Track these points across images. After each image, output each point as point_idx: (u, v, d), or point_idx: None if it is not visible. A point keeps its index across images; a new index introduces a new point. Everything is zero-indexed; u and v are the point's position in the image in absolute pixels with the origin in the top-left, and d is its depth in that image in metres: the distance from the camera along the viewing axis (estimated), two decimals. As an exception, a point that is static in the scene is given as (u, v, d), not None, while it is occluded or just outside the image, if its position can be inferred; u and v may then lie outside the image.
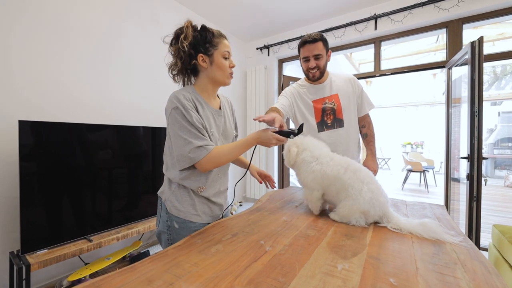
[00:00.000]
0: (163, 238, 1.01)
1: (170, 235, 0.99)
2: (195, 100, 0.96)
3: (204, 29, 0.97)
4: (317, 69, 1.47)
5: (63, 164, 1.71)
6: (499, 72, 8.44)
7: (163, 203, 1.02)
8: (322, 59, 1.45)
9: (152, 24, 2.61)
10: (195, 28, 0.97)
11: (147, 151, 2.26)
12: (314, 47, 1.42)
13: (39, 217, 1.58)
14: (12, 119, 1.66)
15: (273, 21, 3.39)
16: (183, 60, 0.97)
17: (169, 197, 1.00)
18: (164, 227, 1.00)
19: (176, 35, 0.96)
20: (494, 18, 2.50)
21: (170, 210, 0.99)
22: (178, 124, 0.90)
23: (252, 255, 0.72)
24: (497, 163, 7.94)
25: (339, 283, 0.58)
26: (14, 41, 1.70)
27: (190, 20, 0.98)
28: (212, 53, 0.96)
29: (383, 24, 2.93)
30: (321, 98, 1.55)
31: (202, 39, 0.95)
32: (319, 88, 1.55)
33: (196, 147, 0.89)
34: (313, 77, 1.51)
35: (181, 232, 0.96)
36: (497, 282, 0.58)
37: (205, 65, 0.97)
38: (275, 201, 1.32)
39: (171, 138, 0.94)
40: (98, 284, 0.58)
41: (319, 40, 1.42)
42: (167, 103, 0.95)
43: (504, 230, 1.68)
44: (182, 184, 0.97)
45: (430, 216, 1.07)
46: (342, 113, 1.53)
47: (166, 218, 1.00)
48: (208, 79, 1.00)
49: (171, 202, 0.99)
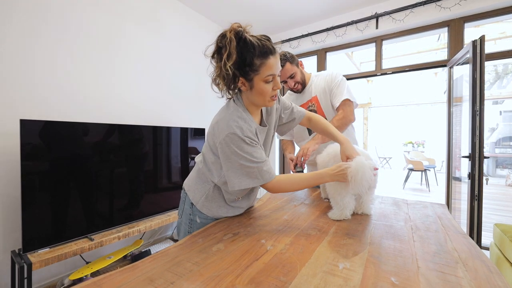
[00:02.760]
0: (182, 229, 1.04)
1: (191, 228, 1.00)
2: (247, 122, 0.87)
3: (245, 45, 0.79)
4: (297, 84, 1.54)
5: (64, 163, 1.71)
6: (501, 71, 8.41)
7: (187, 196, 1.02)
8: (296, 74, 1.51)
9: (154, 23, 2.60)
10: (239, 37, 0.79)
11: (148, 150, 2.26)
12: (284, 71, 1.47)
13: (40, 216, 1.59)
14: (13, 118, 1.66)
15: (274, 20, 3.38)
16: (226, 81, 0.84)
17: (198, 193, 1.00)
18: (186, 219, 1.02)
19: (217, 48, 0.82)
20: (495, 17, 2.49)
21: (196, 204, 0.99)
22: (240, 157, 0.83)
23: (253, 254, 0.72)
24: (498, 162, 7.92)
25: (341, 282, 0.58)
26: (14, 41, 1.70)
27: (235, 25, 0.79)
28: (252, 78, 0.83)
29: (384, 23, 2.92)
30: (305, 102, 1.61)
31: (242, 61, 0.80)
32: (303, 93, 1.62)
33: (264, 170, 0.87)
34: (298, 91, 1.60)
35: (202, 227, 0.98)
36: (499, 281, 0.58)
37: (245, 88, 0.87)
38: (276, 200, 1.32)
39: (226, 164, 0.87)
40: (100, 283, 0.58)
41: (285, 62, 1.45)
42: (223, 127, 0.84)
43: (506, 229, 1.68)
44: (219, 186, 0.98)
45: (432, 215, 1.06)
46: (324, 112, 1.56)
47: (189, 211, 1.01)
48: (249, 101, 0.92)
49: (200, 198, 0.99)
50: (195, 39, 3.09)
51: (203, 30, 3.19)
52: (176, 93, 2.83)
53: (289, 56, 1.47)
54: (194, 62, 3.05)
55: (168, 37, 2.75)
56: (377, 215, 1.07)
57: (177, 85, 2.85)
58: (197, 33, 3.11)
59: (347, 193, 1.00)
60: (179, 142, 2.54)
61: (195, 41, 3.08)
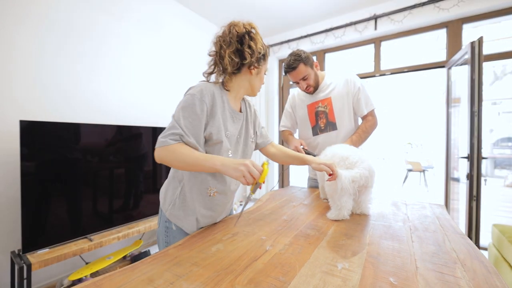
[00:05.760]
0: (161, 239, 0.99)
1: (167, 237, 0.96)
2: (217, 98, 0.91)
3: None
4: (309, 86, 1.50)
5: (64, 164, 1.71)
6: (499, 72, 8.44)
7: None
8: (310, 77, 1.46)
9: (153, 24, 2.60)
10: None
11: (147, 151, 2.26)
12: (297, 73, 1.43)
13: (40, 217, 1.58)
14: (13, 119, 1.66)
15: (273, 21, 3.39)
16: (232, 64, 0.92)
17: (167, 199, 0.97)
18: (162, 228, 0.97)
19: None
20: (494, 18, 2.50)
21: (166, 212, 0.96)
22: (183, 105, 0.85)
23: (253, 254, 0.72)
24: (496, 162, 7.95)
25: (339, 282, 0.58)
26: (15, 41, 1.70)
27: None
28: (261, 66, 0.99)
29: (383, 24, 2.93)
30: (315, 102, 1.57)
31: (264, 53, 0.97)
32: (315, 92, 1.57)
33: (171, 133, 0.82)
34: (310, 93, 1.55)
35: (178, 235, 0.94)
36: (497, 281, 0.58)
37: (252, 73, 0.97)
38: (276, 201, 1.32)
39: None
40: (99, 283, 0.58)
41: (299, 63, 1.40)
42: (193, 87, 0.90)
43: (504, 230, 1.68)
44: (186, 190, 0.93)
45: (430, 216, 1.07)
46: (335, 116, 1.52)
47: (165, 218, 0.97)
48: (248, 83, 0.99)
49: (168, 205, 0.96)
50: (195, 40, 3.09)
51: (202, 31, 3.20)
52: (175, 93, 2.83)
53: (304, 56, 1.41)
54: (193, 62, 3.05)
55: (167, 38, 2.76)
56: (376, 216, 1.07)
57: (176, 86, 2.85)
58: (196, 34, 3.12)
59: (344, 193, 1.00)
60: (178, 143, 2.54)
61: (194, 41, 3.08)
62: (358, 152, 1.07)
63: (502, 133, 8.05)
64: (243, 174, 0.76)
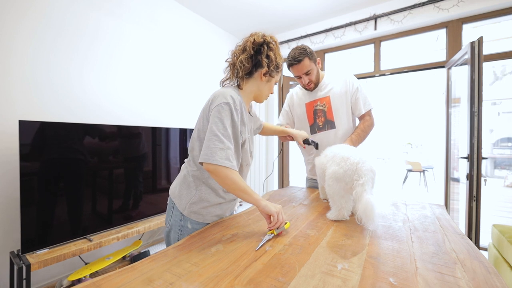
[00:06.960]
0: (172, 237, 1.00)
1: (180, 235, 0.97)
2: (243, 104, 0.97)
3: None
4: (311, 82, 1.52)
5: (63, 164, 1.71)
6: (499, 72, 8.45)
7: (175, 204, 1.00)
8: (312, 72, 1.48)
9: (152, 24, 2.60)
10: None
11: (147, 151, 2.26)
12: (301, 66, 1.44)
13: (39, 217, 1.58)
14: (12, 119, 1.66)
15: (273, 21, 3.39)
16: (247, 69, 1.00)
17: (184, 199, 0.98)
18: (176, 226, 0.98)
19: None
20: (494, 18, 2.50)
21: (183, 211, 0.97)
22: (221, 119, 0.88)
23: (252, 254, 0.72)
24: (496, 163, 7.95)
25: (339, 282, 0.58)
26: (14, 41, 1.70)
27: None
28: (274, 75, 1.06)
29: (382, 24, 2.93)
30: (313, 100, 1.59)
31: (277, 63, 1.04)
32: (314, 91, 1.59)
33: (220, 148, 0.85)
34: (310, 89, 1.57)
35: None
36: (497, 281, 0.58)
37: (263, 79, 1.04)
38: (275, 201, 1.32)
39: (208, 129, 0.90)
40: (99, 283, 0.58)
41: (304, 57, 1.41)
42: (217, 97, 0.92)
43: (504, 230, 1.68)
44: (203, 186, 0.97)
45: (430, 216, 1.07)
46: (333, 115, 1.53)
47: (179, 217, 0.98)
48: (257, 88, 1.06)
49: (186, 204, 0.97)
50: (194, 40, 3.09)
51: (202, 31, 3.20)
52: (175, 94, 2.83)
53: (309, 51, 1.43)
54: (193, 63, 3.05)
55: (167, 38, 2.75)
56: (376, 216, 1.07)
57: (176, 86, 2.85)
58: (196, 34, 3.12)
59: (345, 194, 1.00)
60: (178, 143, 2.54)
61: (194, 42, 3.08)
62: (359, 152, 1.07)
63: (502, 133, 8.05)
64: (277, 213, 0.87)
